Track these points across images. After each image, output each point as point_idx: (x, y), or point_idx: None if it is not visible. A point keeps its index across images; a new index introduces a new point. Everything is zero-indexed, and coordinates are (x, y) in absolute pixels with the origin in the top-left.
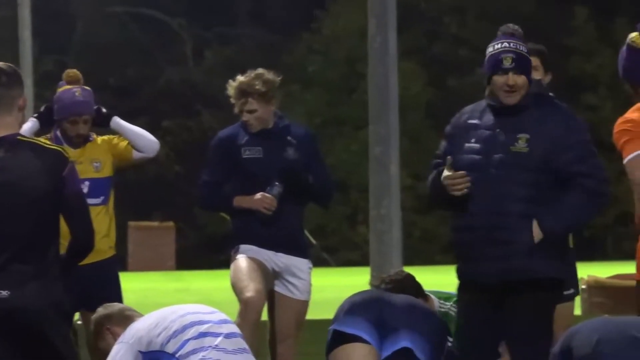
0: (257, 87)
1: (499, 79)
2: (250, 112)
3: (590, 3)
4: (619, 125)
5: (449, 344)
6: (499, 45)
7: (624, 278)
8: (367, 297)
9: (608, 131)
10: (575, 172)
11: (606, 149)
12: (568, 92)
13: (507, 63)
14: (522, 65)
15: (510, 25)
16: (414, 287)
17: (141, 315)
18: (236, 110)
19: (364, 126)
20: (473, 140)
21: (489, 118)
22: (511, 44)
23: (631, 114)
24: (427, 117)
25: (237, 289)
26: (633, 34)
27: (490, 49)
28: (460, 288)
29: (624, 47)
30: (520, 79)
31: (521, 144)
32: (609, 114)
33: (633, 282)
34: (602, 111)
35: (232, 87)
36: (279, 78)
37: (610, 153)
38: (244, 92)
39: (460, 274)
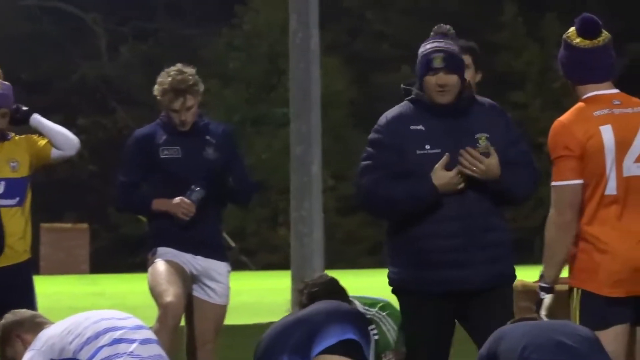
0: (190, 82)
1: (430, 79)
2: (189, 108)
3: None
4: (557, 132)
5: (374, 336)
6: (430, 46)
7: None
8: (284, 325)
9: (537, 130)
10: (521, 162)
11: (535, 148)
12: (496, 89)
13: (437, 63)
14: (453, 64)
15: (443, 25)
16: (338, 292)
17: (52, 323)
18: (168, 110)
19: (285, 124)
20: (428, 147)
21: (434, 122)
22: (442, 44)
23: (569, 116)
24: (351, 115)
25: (155, 293)
26: (570, 30)
27: (421, 50)
28: (416, 298)
29: (561, 45)
30: (451, 79)
31: (483, 143)
32: (537, 112)
33: (562, 287)
34: (531, 109)
35: (162, 89)
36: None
37: (539, 152)
38: (181, 90)
39: (424, 284)
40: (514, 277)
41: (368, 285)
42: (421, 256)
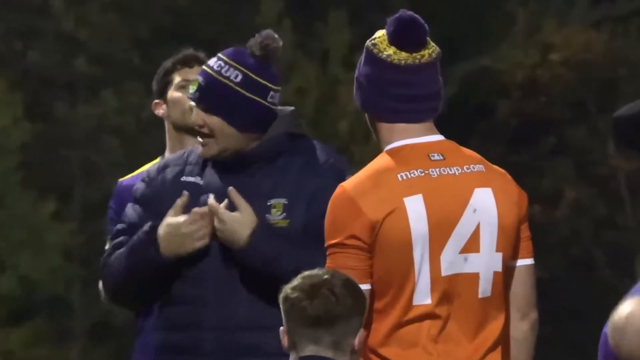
0: None
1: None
2: None
3: None
4: (339, 207)
5: None
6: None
7: None
8: None
9: None
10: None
11: None
12: None
13: (192, 89)
14: (212, 99)
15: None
16: None
17: None
18: None
19: None
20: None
21: (214, 175)
22: (216, 64)
23: (359, 181)
24: (22, 166)
25: None
26: (378, 34)
27: None
28: None
29: (361, 57)
30: (213, 121)
31: (276, 214)
32: None
33: None
34: None
35: None
36: None
37: None
38: None
39: None
40: None
41: None
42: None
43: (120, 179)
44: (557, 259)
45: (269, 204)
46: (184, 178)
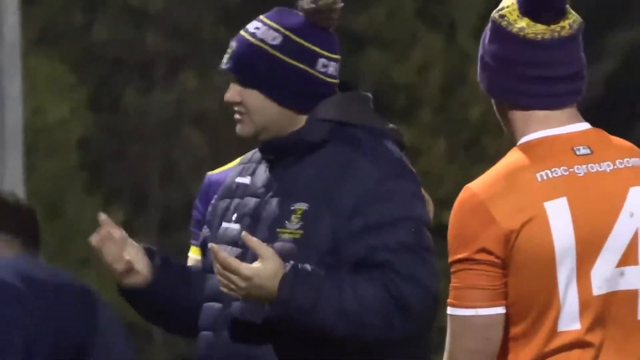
0: None
1: None
2: None
3: None
4: (464, 213)
5: None
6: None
7: None
8: None
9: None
10: (380, 261)
11: None
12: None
13: (224, 60)
14: (246, 67)
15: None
16: None
17: None
18: None
19: None
20: (235, 217)
21: (262, 170)
22: (252, 27)
23: (488, 182)
24: (83, 167)
25: None
26: (507, 2)
27: None
28: None
29: (486, 31)
30: (250, 95)
31: (294, 221)
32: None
33: None
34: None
35: None
36: None
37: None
38: None
39: None
40: None
41: None
42: None
43: (210, 173)
44: None
45: (292, 208)
46: (238, 179)
